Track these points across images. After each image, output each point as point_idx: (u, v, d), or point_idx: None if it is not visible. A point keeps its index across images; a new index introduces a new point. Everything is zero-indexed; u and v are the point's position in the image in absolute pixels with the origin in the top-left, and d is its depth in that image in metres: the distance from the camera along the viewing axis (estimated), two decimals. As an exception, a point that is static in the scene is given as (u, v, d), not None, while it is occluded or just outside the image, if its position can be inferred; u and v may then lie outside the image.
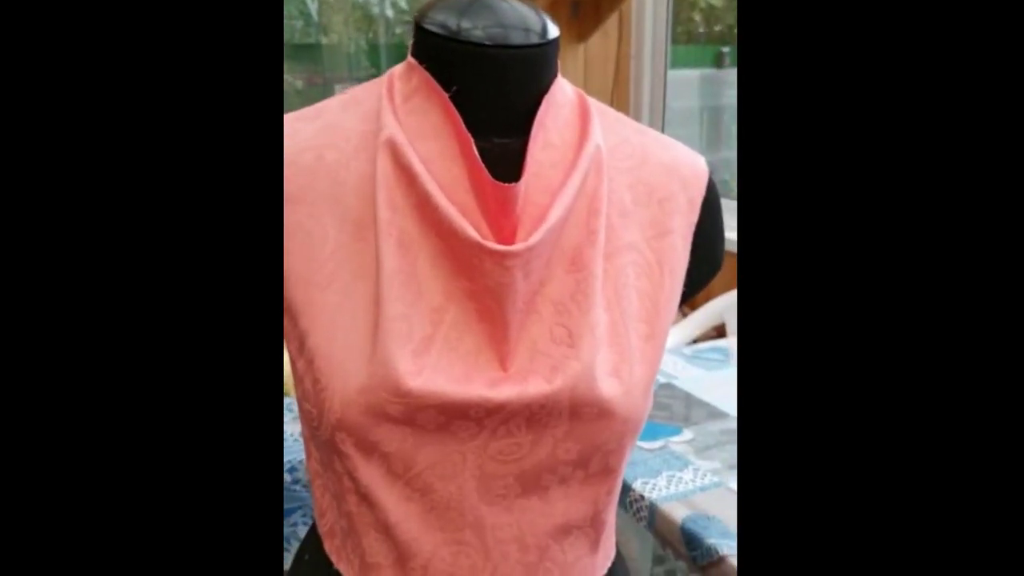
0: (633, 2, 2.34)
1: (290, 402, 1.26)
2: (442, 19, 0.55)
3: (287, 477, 1.10)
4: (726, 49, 2.41)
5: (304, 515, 1.09)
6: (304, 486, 1.09)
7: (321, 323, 0.52)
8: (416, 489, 0.52)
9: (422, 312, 0.51)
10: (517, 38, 0.55)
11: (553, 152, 0.55)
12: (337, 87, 2.50)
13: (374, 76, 0.62)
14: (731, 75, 2.41)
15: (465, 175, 0.52)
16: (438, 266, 0.52)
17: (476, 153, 0.52)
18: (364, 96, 0.58)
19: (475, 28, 0.54)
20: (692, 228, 0.60)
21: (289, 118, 0.58)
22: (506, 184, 0.51)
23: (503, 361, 0.51)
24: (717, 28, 2.49)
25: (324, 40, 2.48)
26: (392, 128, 0.53)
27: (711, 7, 2.51)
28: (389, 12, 2.52)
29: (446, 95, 0.53)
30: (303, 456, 0.74)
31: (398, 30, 2.50)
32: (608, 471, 0.56)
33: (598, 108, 0.60)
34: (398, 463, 0.51)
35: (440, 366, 0.50)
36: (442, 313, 0.51)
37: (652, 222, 0.58)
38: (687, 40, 2.55)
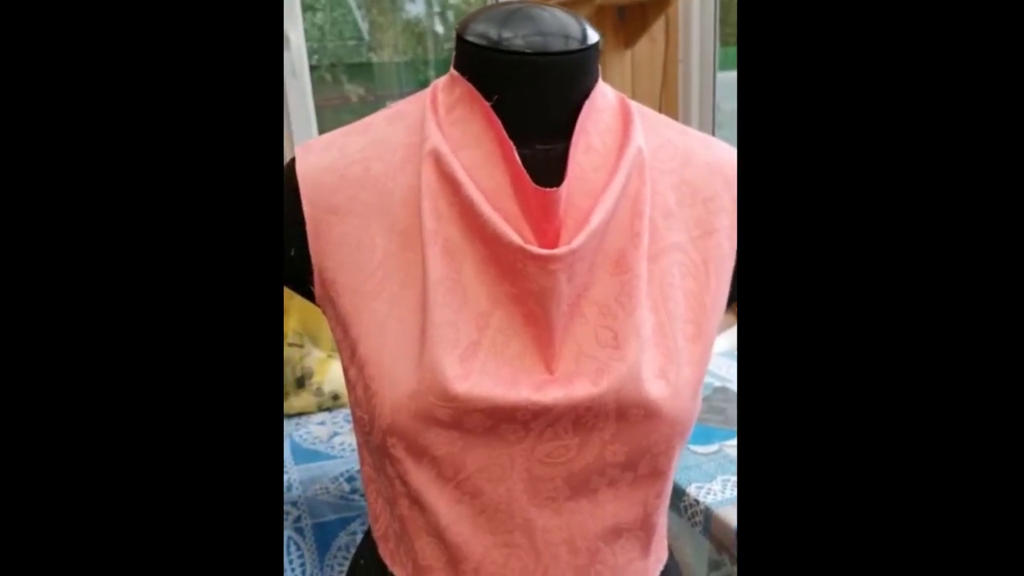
0: (680, 6, 2.32)
1: (347, 413, 1.28)
2: (483, 30, 0.56)
3: (346, 486, 1.12)
4: (777, 49, 2.37)
5: (363, 523, 1.10)
6: (363, 495, 1.10)
7: (371, 331, 0.53)
8: (466, 492, 0.53)
9: (468, 318, 0.51)
10: (557, 45, 0.55)
11: (595, 156, 0.55)
12: (388, 103, 2.54)
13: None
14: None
15: (508, 182, 0.53)
16: (483, 272, 0.52)
17: (518, 159, 0.52)
18: (409, 109, 0.59)
19: (515, 37, 0.55)
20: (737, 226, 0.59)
21: (338, 133, 0.60)
22: (548, 189, 0.51)
23: (549, 364, 0.52)
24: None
25: (375, 58, 2.53)
26: (436, 139, 0.54)
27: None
28: (438, 28, 2.56)
29: (488, 104, 0.54)
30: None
31: (447, 45, 2.54)
32: (657, 473, 0.55)
33: (639, 111, 0.60)
34: (448, 467, 0.52)
35: (487, 370, 0.51)
36: (488, 318, 0.52)
37: (697, 222, 0.58)
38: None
